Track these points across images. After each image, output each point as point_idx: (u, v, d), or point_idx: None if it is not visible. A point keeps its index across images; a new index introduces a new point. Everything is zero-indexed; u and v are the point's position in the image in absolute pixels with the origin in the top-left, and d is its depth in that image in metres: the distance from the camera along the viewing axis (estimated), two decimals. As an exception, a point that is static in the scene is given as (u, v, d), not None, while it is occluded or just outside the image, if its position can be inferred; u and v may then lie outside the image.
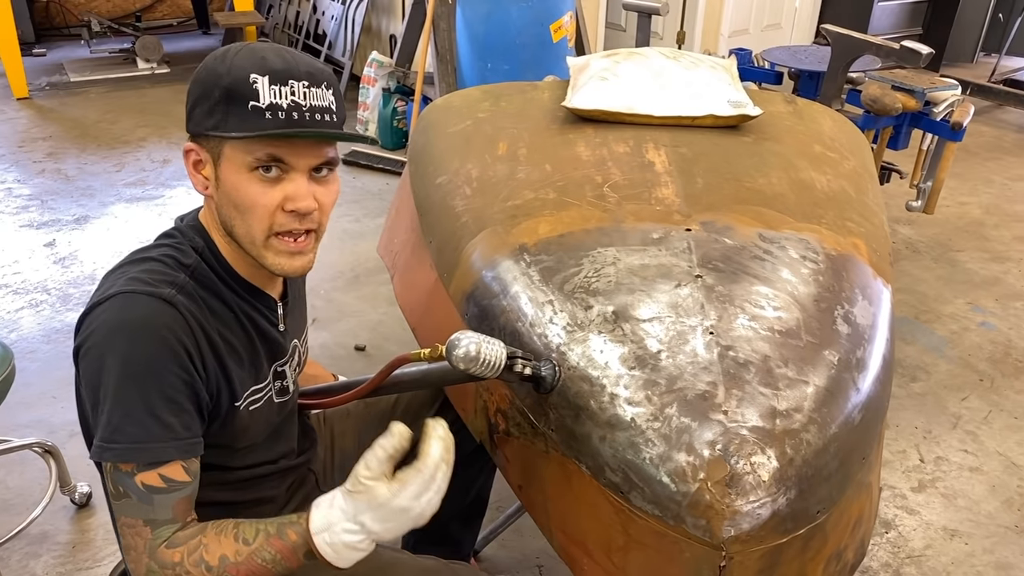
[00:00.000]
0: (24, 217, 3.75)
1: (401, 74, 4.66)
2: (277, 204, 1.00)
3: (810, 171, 1.61)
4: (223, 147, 0.98)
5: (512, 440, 1.22)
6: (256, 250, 1.03)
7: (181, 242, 1.06)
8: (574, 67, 1.95)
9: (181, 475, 0.98)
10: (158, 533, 0.97)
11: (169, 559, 0.96)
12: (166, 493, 0.97)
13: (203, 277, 1.05)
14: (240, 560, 0.97)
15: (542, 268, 1.26)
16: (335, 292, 3.15)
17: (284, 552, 0.98)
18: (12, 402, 1.86)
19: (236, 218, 1.01)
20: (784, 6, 6.35)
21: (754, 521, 0.95)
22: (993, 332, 2.99)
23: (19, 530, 1.97)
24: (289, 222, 1.02)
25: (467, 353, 1.00)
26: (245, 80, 0.96)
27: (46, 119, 5.09)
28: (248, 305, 1.10)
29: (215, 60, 0.99)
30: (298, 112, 0.97)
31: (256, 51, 0.98)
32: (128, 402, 0.94)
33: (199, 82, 1.00)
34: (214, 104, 0.97)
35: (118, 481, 0.96)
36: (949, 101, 2.85)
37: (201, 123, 0.99)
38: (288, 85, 0.97)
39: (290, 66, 0.98)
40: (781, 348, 1.10)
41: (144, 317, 0.96)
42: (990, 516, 2.14)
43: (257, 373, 1.12)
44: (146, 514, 0.97)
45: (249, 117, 0.96)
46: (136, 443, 0.95)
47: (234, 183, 0.99)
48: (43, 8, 7.06)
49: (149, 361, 0.95)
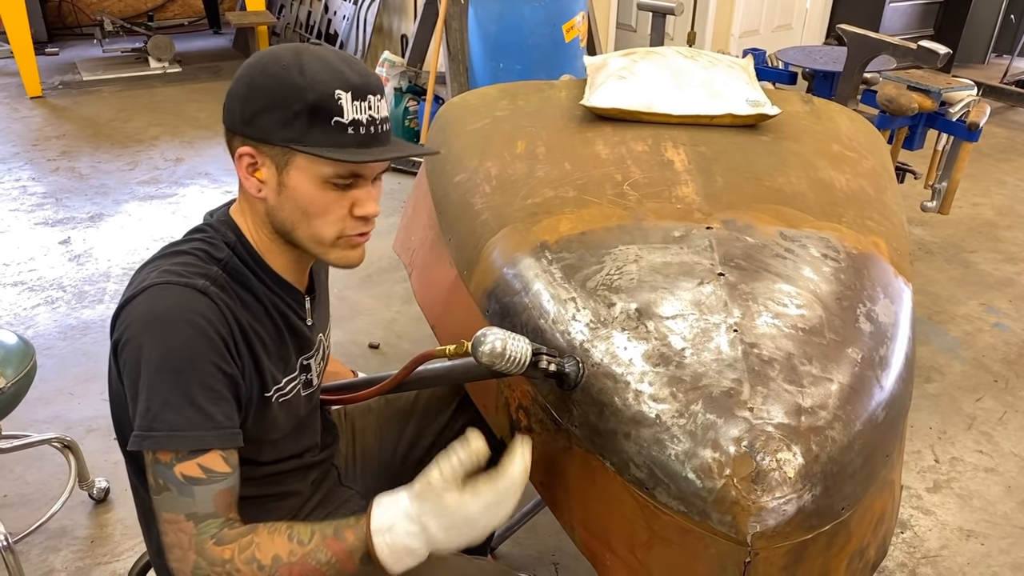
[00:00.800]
0: (39, 215, 3.77)
1: (413, 74, 4.67)
2: (347, 210, 1.04)
3: (829, 170, 1.61)
4: (295, 156, 0.99)
5: (534, 436, 1.22)
6: (321, 248, 1.06)
7: (213, 236, 1.07)
8: (591, 66, 1.96)
9: (221, 465, 0.98)
10: (203, 528, 0.96)
11: (219, 556, 0.95)
12: (206, 484, 0.96)
13: (235, 271, 1.06)
14: (294, 561, 0.96)
15: (564, 265, 1.27)
16: (348, 290, 3.16)
17: (340, 555, 0.97)
18: (30, 398, 1.87)
19: (301, 222, 1.03)
20: (795, 7, 6.35)
21: (780, 517, 0.95)
22: (1007, 333, 2.98)
23: (39, 525, 1.98)
24: (357, 226, 1.06)
25: (493, 349, 1.01)
26: (330, 95, 0.96)
27: (60, 118, 5.12)
28: (278, 299, 1.11)
29: (285, 70, 0.97)
30: (374, 126, 1.00)
31: (328, 62, 0.98)
32: (166, 391, 0.94)
33: (264, 90, 0.98)
34: (292, 116, 0.97)
35: (158, 473, 0.96)
36: (965, 101, 2.84)
37: (273, 132, 0.98)
38: (366, 100, 0.99)
39: (365, 80, 0.99)
40: (805, 345, 1.10)
41: (180, 306, 0.97)
42: (1006, 517, 2.13)
43: (285, 366, 1.13)
44: (187, 507, 0.96)
45: (331, 132, 0.97)
46: (174, 431, 0.94)
47: (307, 192, 1.01)
48: (56, 8, 7.10)
49: (187, 349, 0.95)
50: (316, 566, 0.97)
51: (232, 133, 1.02)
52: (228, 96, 1.02)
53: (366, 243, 1.11)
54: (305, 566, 0.97)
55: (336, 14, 5.76)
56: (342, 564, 0.98)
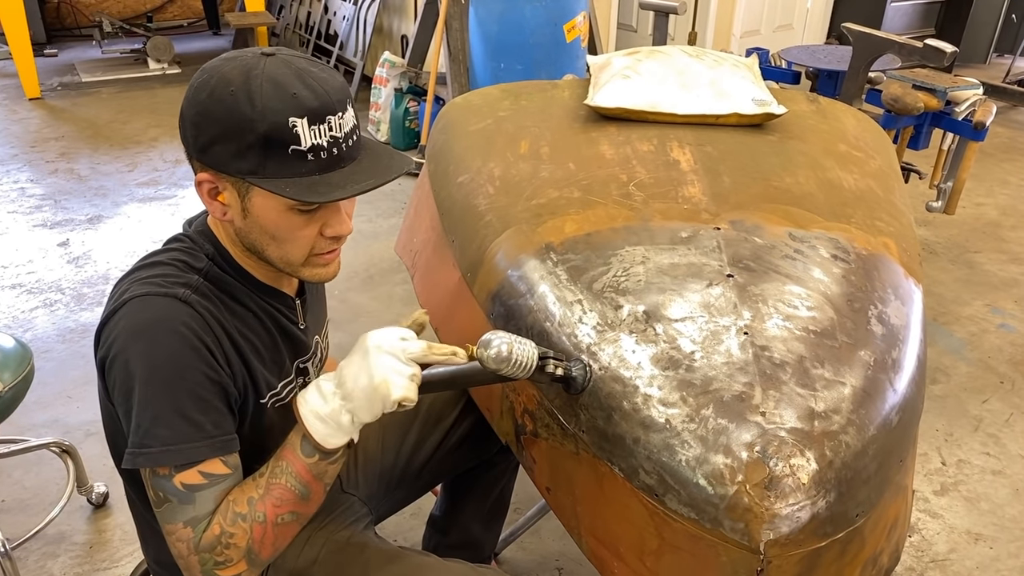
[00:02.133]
0: (38, 217, 3.75)
1: (413, 74, 4.65)
2: (316, 231, 1.01)
3: (837, 170, 1.59)
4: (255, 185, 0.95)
5: (540, 441, 1.21)
6: (292, 268, 1.04)
7: (191, 247, 1.05)
8: (595, 65, 1.94)
9: (220, 469, 0.97)
10: (199, 528, 0.95)
11: (211, 540, 0.95)
12: (208, 488, 0.95)
13: (216, 279, 1.03)
14: (263, 492, 0.97)
15: (569, 267, 1.25)
16: (350, 292, 3.14)
17: (290, 458, 0.98)
18: (28, 401, 1.85)
19: (270, 244, 1.01)
20: (796, 6, 6.33)
21: (793, 524, 0.93)
22: (1013, 334, 2.96)
23: (37, 531, 1.96)
24: (328, 245, 1.03)
25: (499, 353, 0.99)
26: (284, 125, 0.90)
27: (58, 119, 5.10)
28: (267, 304, 1.09)
29: (233, 96, 0.90)
30: (336, 147, 0.94)
31: (281, 84, 0.91)
32: (156, 405, 0.93)
33: (214, 119, 0.91)
34: (246, 148, 0.91)
35: (157, 487, 0.95)
36: (971, 101, 2.82)
37: (228, 163, 0.93)
38: (325, 122, 0.92)
39: (323, 101, 0.92)
40: (816, 348, 1.08)
41: (161, 318, 0.95)
42: (1014, 520, 2.11)
43: (280, 370, 1.11)
44: (187, 514, 0.95)
45: (289, 161, 0.92)
46: (167, 445, 0.93)
47: (272, 219, 0.97)
48: (54, 9, 7.08)
49: (172, 360, 0.94)
50: (281, 483, 0.98)
51: (189, 156, 0.98)
52: (180, 118, 0.96)
53: (339, 257, 1.08)
54: (274, 491, 0.98)
55: (336, 14, 5.74)
56: (295, 468, 0.98)
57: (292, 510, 0.99)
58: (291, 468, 0.98)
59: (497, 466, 1.55)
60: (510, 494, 1.68)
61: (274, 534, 0.98)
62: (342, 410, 0.97)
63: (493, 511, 1.65)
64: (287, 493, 0.98)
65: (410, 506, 1.58)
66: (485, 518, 1.64)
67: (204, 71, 0.95)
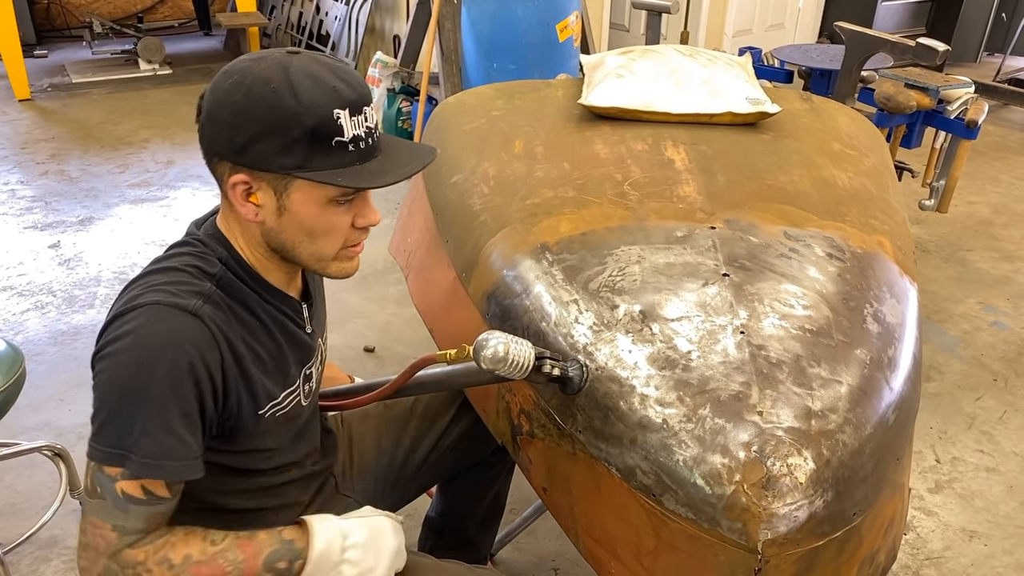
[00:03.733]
0: (28, 219, 3.73)
1: (405, 74, 4.63)
2: (350, 224, 1.02)
3: (831, 168, 1.59)
4: (296, 180, 0.96)
5: (536, 442, 1.20)
6: (322, 264, 1.05)
7: (203, 251, 1.04)
8: (588, 64, 1.94)
9: (163, 491, 0.96)
10: (123, 539, 0.94)
11: (132, 559, 0.94)
12: (144, 505, 0.95)
13: (228, 286, 1.02)
14: (203, 560, 0.96)
15: (565, 267, 1.24)
16: (343, 293, 3.12)
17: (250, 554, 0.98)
18: (20, 404, 1.83)
19: (304, 242, 1.01)
20: (787, 6, 6.34)
21: (791, 524, 0.93)
22: (1006, 332, 2.97)
23: (29, 535, 1.94)
24: (359, 237, 1.05)
25: (495, 354, 0.98)
26: (329, 118, 0.93)
27: (48, 120, 5.07)
28: (276, 311, 1.08)
29: (275, 94, 0.92)
30: (371, 137, 0.99)
31: (320, 79, 0.94)
32: (146, 416, 0.92)
33: (256, 117, 0.92)
34: (292, 143, 0.93)
35: (97, 481, 0.94)
36: (963, 99, 2.83)
37: (271, 160, 0.94)
38: (362, 113, 0.97)
39: (359, 92, 0.97)
40: (813, 347, 1.08)
41: (169, 331, 0.94)
42: (1008, 517, 2.12)
43: (285, 379, 1.10)
44: (116, 520, 0.94)
45: (334, 153, 0.95)
46: (150, 458, 0.93)
47: (311, 213, 0.99)
48: (44, 9, 7.04)
49: (171, 377, 0.93)
50: (224, 565, 0.96)
51: (219, 159, 0.97)
52: (209, 121, 0.96)
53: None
54: (213, 565, 0.96)
55: (328, 15, 5.73)
56: (248, 565, 0.97)
57: None
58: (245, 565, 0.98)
59: (493, 467, 1.54)
60: (506, 495, 1.67)
61: None
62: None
63: (489, 512, 1.64)
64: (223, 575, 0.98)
65: (405, 507, 1.57)
66: (481, 519, 1.63)
67: (231, 73, 0.95)
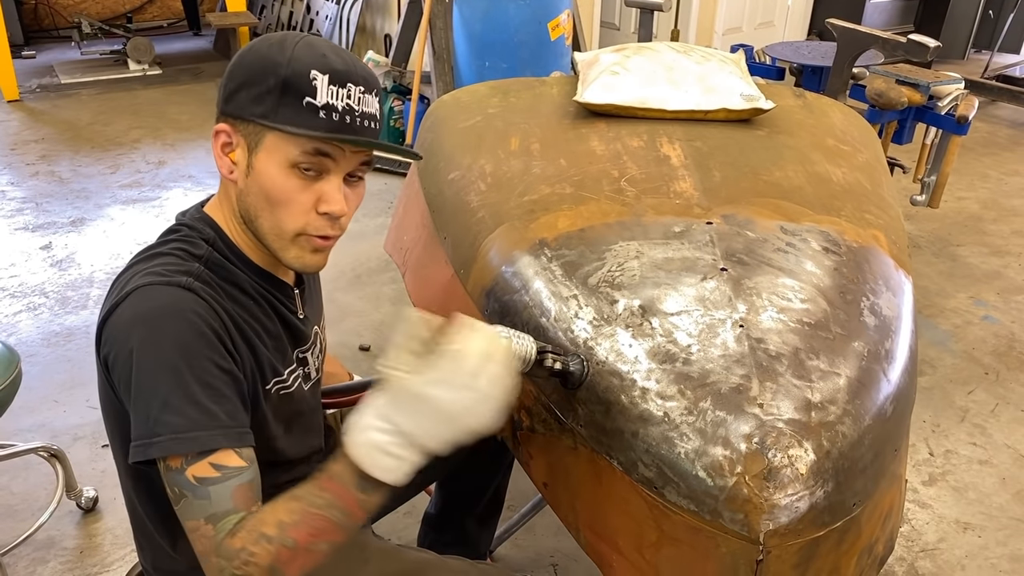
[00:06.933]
0: (19, 220, 3.71)
1: (397, 73, 4.63)
2: (311, 204, 0.99)
3: (825, 164, 1.60)
4: (265, 136, 0.96)
5: (537, 437, 1.21)
6: (280, 243, 1.01)
7: (189, 235, 1.03)
8: (582, 62, 1.94)
9: (234, 460, 0.92)
10: (220, 527, 0.90)
11: (233, 547, 0.89)
12: (221, 482, 0.90)
13: (217, 265, 1.02)
14: (297, 519, 0.90)
15: (564, 263, 1.25)
16: (337, 292, 3.12)
17: (334, 489, 0.90)
18: (14, 406, 1.83)
19: (264, 210, 0.99)
20: (777, 4, 6.37)
21: (792, 515, 0.94)
22: (996, 326, 2.99)
23: (26, 537, 1.94)
24: (321, 226, 1.00)
25: (497, 348, 0.98)
26: (305, 75, 0.94)
27: (38, 121, 5.04)
28: (266, 291, 1.08)
29: (270, 47, 0.96)
30: (350, 116, 0.96)
31: (316, 46, 0.96)
32: (164, 392, 0.89)
33: (246, 66, 0.97)
34: (265, 91, 0.94)
35: (171, 482, 0.91)
36: (953, 95, 2.86)
37: (246, 107, 0.96)
38: (346, 88, 0.96)
39: (349, 68, 0.96)
40: (811, 340, 1.09)
41: (166, 305, 0.93)
42: (1001, 509, 2.14)
43: (284, 357, 1.10)
44: (205, 511, 0.90)
45: (302, 112, 0.94)
46: (177, 433, 0.89)
47: (271, 175, 0.97)
48: (32, 10, 7.00)
49: (180, 347, 0.91)
50: (319, 513, 0.90)
51: (217, 113, 1.01)
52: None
53: (330, 250, 1.05)
54: (309, 520, 0.90)
55: (319, 14, 5.72)
56: (341, 499, 0.90)
57: (329, 539, 0.92)
58: (338, 502, 0.91)
59: (492, 463, 1.55)
60: (505, 491, 1.68)
61: (303, 558, 0.92)
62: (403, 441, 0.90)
63: (488, 509, 1.65)
64: (327, 524, 0.91)
65: (404, 504, 1.58)
66: (480, 516, 1.64)
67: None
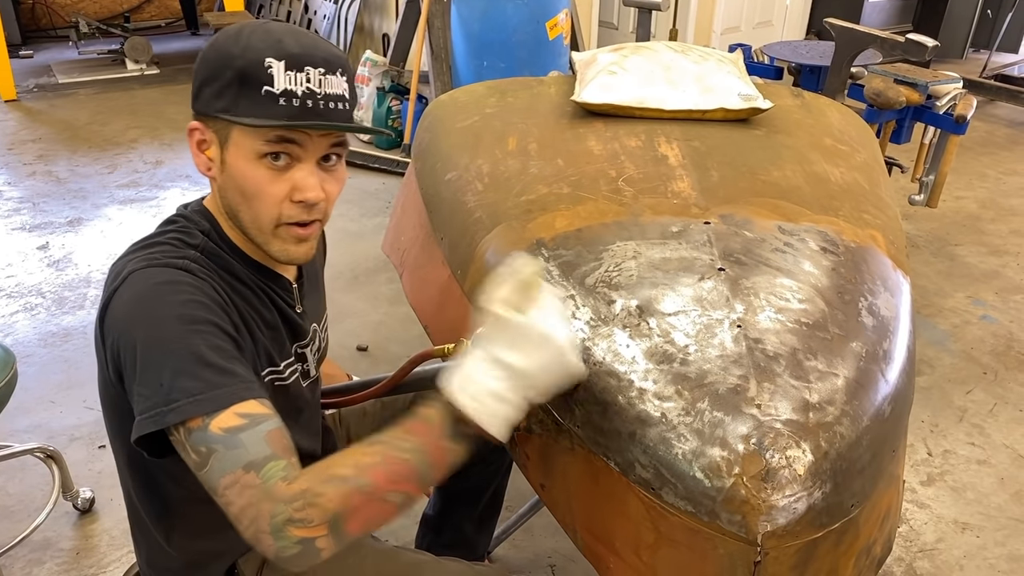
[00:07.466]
0: (16, 220, 3.70)
1: (395, 73, 4.63)
2: (285, 194, 0.98)
3: (823, 164, 1.60)
4: (231, 131, 0.95)
5: (534, 438, 1.20)
6: (262, 237, 1.01)
7: (186, 226, 1.03)
8: (580, 61, 1.94)
9: (259, 409, 0.88)
10: (267, 473, 0.83)
11: (290, 491, 0.82)
12: (251, 427, 0.85)
13: (212, 254, 1.02)
14: (377, 460, 0.84)
15: (561, 263, 1.24)
16: (335, 292, 3.12)
17: (423, 432, 0.87)
18: (10, 407, 1.82)
19: (241, 204, 0.99)
20: (775, 3, 6.37)
21: (790, 516, 0.93)
22: (995, 325, 2.99)
23: (22, 538, 1.93)
24: (297, 213, 0.99)
25: (495, 347, 0.98)
26: (259, 63, 0.92)
27: (35, 121, 5.03)
28: (263, 283, 1.07)
29: (228, 39, 0.95)
30: (312, 100, 0.95)
31: (272, 32, 0.95)
32: (175, 360, 0.86)
33: (208, 60, 0.96)
34: (225, 85, 0.94)
35: (197, 442, 0.85)
36: (951, 95, 2.86)
37: (210, 104, 0.95)
38: (304, 72, 0.94)
39: (307, 51, 0.94)
40: (809, 340, 1.08)
41: (165, 281, 0.92)
42: (1000, 509, 2.14)
43: (281, 349, 1.09)
44: (241, 459, 0.83)
45: (261, 102, 0.93)
46: (194, 395, 0.85)
47: (241, 169, 0.96)
48: (29, 9, 6.99)
49: (184, 317, 0.89)
50: (402, 456, 0.86)
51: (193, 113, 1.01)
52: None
53: (315, 240, 1.05)
54: (390, 462, 0.85)
55: (316, 14, 5.71)
56: (430, 449, 0.87)
57: (407, 491, 0.87)
58: (424, 447, 0.87)
59: (491, 465, 1.55)
60: (503, 493, 1.68)
61: (374, 510, 0.85)
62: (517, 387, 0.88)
63: (487, 510, 1.64)
64: (408, 471, 0.86)
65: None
66: (478, 517, 1.63)
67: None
